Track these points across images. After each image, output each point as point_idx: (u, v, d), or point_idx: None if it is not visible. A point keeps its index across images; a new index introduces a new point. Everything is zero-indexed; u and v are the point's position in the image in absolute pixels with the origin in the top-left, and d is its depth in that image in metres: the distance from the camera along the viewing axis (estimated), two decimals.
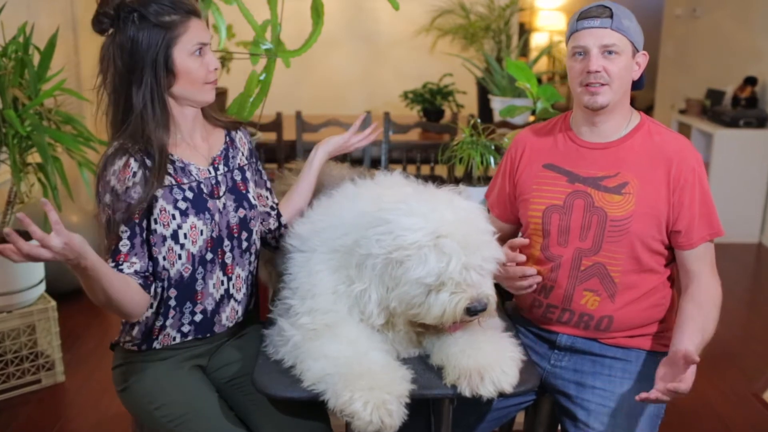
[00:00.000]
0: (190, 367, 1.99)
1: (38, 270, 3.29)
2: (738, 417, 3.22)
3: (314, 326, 1.77)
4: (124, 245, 1.82)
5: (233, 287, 2.01)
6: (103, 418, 3.09)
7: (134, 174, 1.81)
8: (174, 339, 1.97)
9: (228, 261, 1.99)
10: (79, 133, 3.14)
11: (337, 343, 1.72)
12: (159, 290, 1.91)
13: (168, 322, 1.94)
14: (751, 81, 5.76)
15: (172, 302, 1.92)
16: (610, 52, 1.93)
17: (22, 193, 3.17)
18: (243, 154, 2.09)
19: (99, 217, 1.83)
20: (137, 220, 1.83)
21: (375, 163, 4.70)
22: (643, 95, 8.54)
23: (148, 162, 1.83)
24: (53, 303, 3.32)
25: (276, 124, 4.65)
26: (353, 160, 4.62)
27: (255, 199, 2.06)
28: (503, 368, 1.70)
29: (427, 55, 6.67)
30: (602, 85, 1.94)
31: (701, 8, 6.84)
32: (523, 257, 1.99)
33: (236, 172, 2.04)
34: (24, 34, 3.06)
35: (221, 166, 2.00)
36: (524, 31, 7.68)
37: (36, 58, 3.09)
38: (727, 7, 6.41)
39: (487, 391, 1.66)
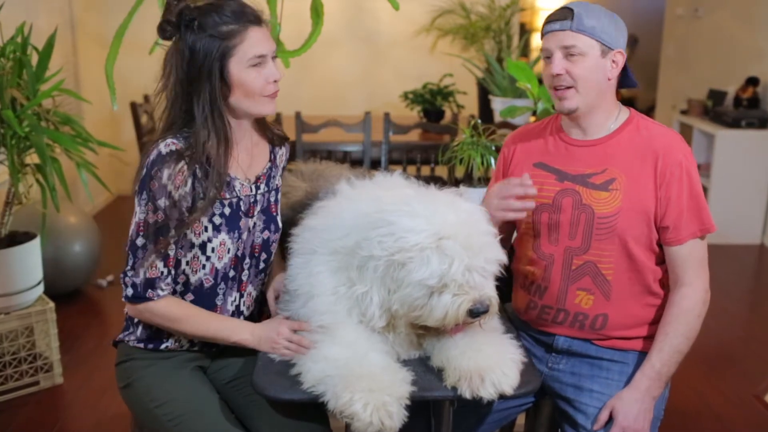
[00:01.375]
0: (192, 368, 1.99)
1: (36, 271, 3.28)
2: (739, 419, 3.20)
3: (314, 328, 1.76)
4: (172, 249, 1.84)
5: (243, 304, 2.03)
6: (102, 420, 3.08)
7: (186, 183, 1.80)
8: (183, 346, 1.98)
9: (244, 278, 2.00)
10: (78, 134, 3.13)
11: (336, 345, 1.71)
12: (174, 292, 1.91)
13: None
14: (753, 81, 5.74)
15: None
16: (572, 54, 1.91)
17: (21, 194, 3.17)
18: (280, 174, 2.09)
19: (148, 216, 1.79)
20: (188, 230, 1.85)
21: (375, 164, 4.69)
22: (644, 96, 8.52)
23: (199, 173, 1.81)
24: (51, 304, 3.31)
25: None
26: (353, 161, 4.62)
27: (281, 222, 2.05)
28: (504, 370, 1.69)
29: (428, 56, 6.66)
30: (568, 88, 1.94)
31: (703, 8, 6.82)
32: (534, 190, 1.93)
33: (272, 193, 2.04)
34: (22, 34, 3.06)
35: (263, 186, 1.99)
36: (525, 31, 7.65)
37: (34, 59, 3.09)
38: (729, 6, 6.40)
39: (488, 393, 1.66)
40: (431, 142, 4.77)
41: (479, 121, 2.92)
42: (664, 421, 2.06)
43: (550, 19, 1.95)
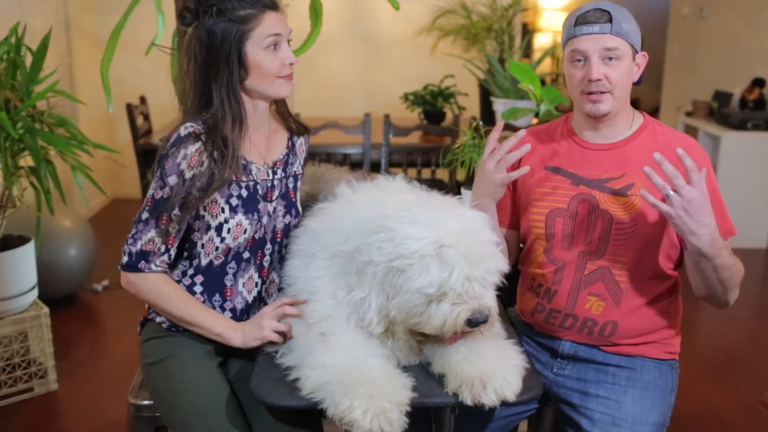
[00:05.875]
0: (217, 363, 1.96)
1: (30, 276, 3.26)
2: (745, 425, 3.18)
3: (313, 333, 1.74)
4: (174, 228, 1.87)
5: (265, 291, 2.03)
6: (98, 427, 3.06)
7: (202, 163, 1.85)
8: None
9: (266, 264, 2.01)
10: (73, 136, 3.12)
11: (335, 351, 1.69)
12: (184, 273, 1.96)
13: None
14: (759, 83, 5.73)
15: (198, 288, 1.95)
16: (610, 58, 1.88)
17: (14, 197, 3.15)
18: (300, 162, 2.13)
19: (155, 192, 1.85)
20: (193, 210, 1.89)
21: (375, 167, 4.66)
22: (648, 97, 8.50)
23: (216, 155, 1.86)
24: (46, 309, 3.29)
25: None
26: (353, 163, 4.57)
27: (301, 208, 2.09)
28: (506, 376, 1.66)
29: (428, 56, 6.61)
30: (603, 93, 1.90)
31: (708, 8, 6.80)
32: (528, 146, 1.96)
33: (291, 179, 2.07)
34: (16, 34, 3.06)
35: (279, 171, 2.03)
36: (527, 31, 7.63)
37: (28, 60, 3.08)
38: (735, 7, 6.38)
39: (490, 399, 1.63)
40: (432, 145, 4.74)
41: (481, 122, 2.87)
42: (670, 428, 2.02)
43: (586, 21, 1.89)
